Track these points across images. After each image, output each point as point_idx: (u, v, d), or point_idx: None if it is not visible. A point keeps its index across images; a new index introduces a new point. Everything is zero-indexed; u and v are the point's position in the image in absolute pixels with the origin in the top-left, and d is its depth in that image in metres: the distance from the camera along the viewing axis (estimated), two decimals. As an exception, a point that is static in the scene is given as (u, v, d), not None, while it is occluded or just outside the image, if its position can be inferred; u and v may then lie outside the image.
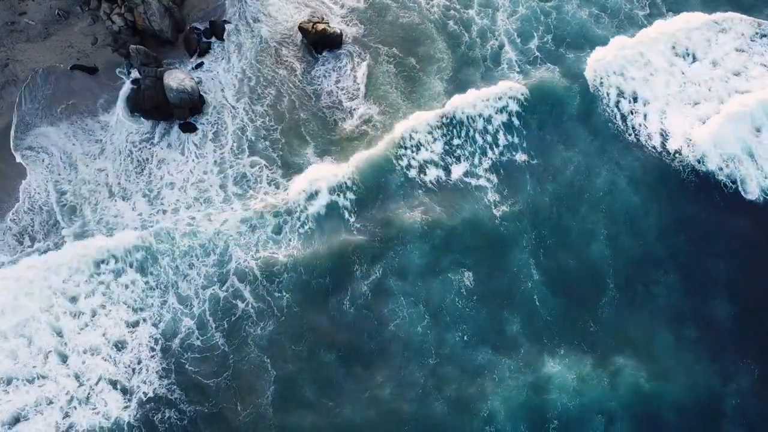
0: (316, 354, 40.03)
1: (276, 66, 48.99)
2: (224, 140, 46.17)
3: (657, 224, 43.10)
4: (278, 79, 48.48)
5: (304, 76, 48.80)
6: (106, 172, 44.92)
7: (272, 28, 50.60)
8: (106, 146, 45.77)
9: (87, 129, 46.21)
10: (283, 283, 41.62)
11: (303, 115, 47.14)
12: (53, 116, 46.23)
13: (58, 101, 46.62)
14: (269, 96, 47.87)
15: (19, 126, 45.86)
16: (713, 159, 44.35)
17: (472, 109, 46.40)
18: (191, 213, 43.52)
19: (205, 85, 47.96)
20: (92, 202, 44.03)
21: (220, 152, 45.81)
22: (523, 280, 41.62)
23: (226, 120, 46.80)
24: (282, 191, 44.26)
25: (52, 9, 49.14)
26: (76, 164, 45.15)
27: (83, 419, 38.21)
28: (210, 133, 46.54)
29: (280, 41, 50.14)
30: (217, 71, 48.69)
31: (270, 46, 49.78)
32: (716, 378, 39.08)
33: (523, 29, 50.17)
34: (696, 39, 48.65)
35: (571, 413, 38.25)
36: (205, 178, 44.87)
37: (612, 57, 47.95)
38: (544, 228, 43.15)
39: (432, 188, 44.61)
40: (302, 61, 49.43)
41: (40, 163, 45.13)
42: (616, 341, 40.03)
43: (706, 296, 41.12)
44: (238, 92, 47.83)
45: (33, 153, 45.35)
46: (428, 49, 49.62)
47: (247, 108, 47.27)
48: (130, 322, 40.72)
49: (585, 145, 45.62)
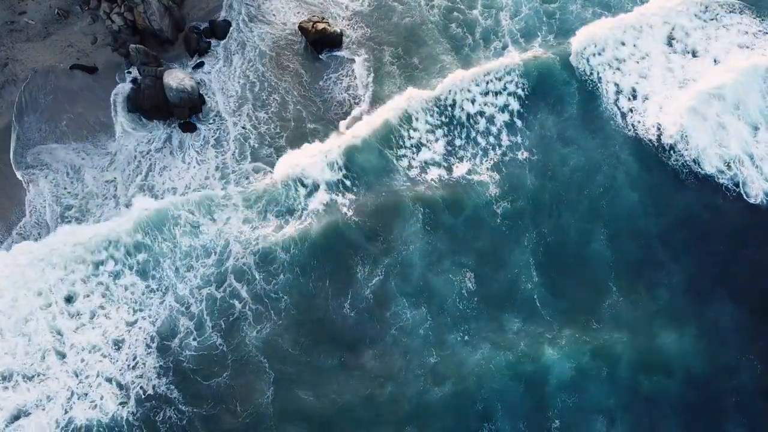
0: (315, 355, 39.88)
1: (276, 68, 48.75)
2: (226, 146, 46.06)
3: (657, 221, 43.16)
4: (281, 84, 48.22)
5: (306, 79, 48.53)
6: (115, 183, 44.70)
7: (273, 28, 50.48)
8: (116, 156, 45.57)
9: (95, 142, 46.07)
10: (280, 284, 41.46)
11: (307, 118, 46.95)
12: (58, 131, 45.95)
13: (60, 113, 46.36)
14: (273, 102, 47.66)
15: (20, 142, 45.46)
16: (711, 158, 44.47)
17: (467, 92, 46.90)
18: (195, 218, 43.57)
19: (206, 86, 47.85)
20: (97, 214, 43.95)
21: (221, 158, 45.68)
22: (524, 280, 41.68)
23: (227, 125, 46.68)
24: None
25: (52, 8, 49.04)
26: (83, 177, 44.91)
27: (81, 413, 38.42)
28: (212, 139, 46.40)
29: (280, 41, 49.96)
30: (216, 72, 48.54)
31: (270, 45, 49.62)
32: (718, 374, 39.11)
33: (527, 29, 50.04)
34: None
35: (571, 410, 38.27)
36: (206, 183, 44.70)
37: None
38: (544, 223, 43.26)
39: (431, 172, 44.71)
40: (303, 63, 49.20)
41: (43, 178, 44.79)
42: (617, 336, 39.96)
43: (708, 295, 41.00)
44: (239, 97, 47.54)
45: (36, 170, 45.02)
46: (431, 50, 49.47)
47: (250, 113, 47.10)
48: (129, 321, 40.69)
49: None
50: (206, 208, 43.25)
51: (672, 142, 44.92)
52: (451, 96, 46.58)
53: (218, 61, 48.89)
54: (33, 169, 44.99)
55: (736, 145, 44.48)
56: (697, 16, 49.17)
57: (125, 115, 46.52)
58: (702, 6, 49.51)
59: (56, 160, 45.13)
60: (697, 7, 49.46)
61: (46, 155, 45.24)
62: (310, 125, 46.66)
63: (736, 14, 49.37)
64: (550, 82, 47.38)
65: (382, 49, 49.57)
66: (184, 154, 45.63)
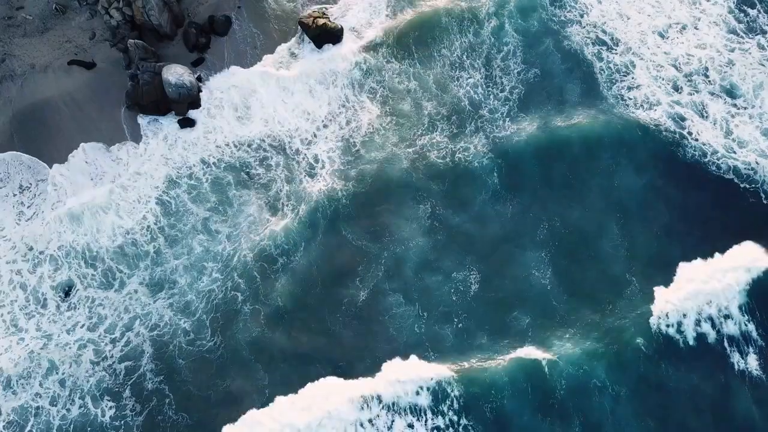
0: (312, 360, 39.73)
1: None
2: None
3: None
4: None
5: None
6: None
7: (273, 24, 49.85)
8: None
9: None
10: (280, 286, 41.27)
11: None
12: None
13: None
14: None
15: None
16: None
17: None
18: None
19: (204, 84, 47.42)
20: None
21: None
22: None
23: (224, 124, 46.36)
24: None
25: (50, 3, 48.53)
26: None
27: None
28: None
29: (280, 37, 49.44)
30: (214, 69, 48.10)
31: (270, 43, 49.04)
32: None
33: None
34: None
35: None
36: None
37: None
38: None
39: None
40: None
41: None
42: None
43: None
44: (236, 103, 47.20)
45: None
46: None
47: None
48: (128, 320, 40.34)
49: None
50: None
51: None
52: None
53: (216, 59, 48.29)
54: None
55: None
56: None
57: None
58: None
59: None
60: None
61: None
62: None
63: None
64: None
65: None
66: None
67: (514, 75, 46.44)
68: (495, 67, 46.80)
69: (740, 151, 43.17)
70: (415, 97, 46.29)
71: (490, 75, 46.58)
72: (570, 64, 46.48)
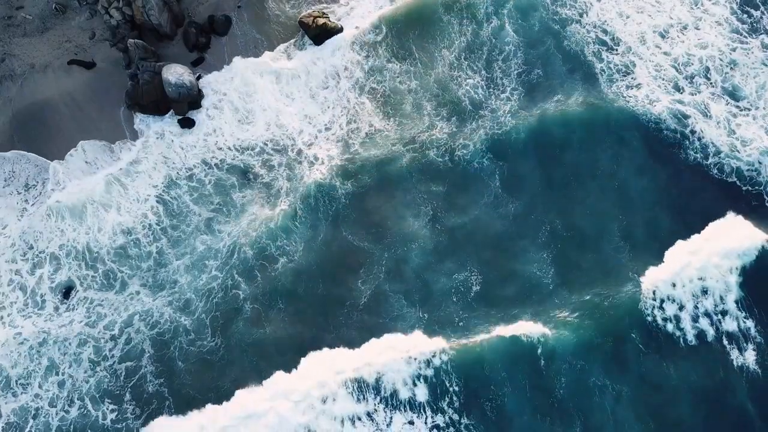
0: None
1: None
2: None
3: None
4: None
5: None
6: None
7: (273, 24, 49.78)
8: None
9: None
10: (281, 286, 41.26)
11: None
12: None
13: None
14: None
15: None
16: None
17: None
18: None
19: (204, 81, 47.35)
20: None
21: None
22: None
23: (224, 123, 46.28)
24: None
25: (50, 3, 48.44)
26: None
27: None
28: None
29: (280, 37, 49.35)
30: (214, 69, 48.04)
31: (270, 43, 48.97)
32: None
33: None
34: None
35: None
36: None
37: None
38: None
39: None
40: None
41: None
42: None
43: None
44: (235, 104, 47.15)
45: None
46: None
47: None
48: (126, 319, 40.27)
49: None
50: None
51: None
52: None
53: (216, 59, 48.23)
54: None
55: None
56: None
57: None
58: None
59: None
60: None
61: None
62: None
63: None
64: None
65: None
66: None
67: (513, 69, 46.48)
68: (496, 69, 46.85)
69: (743, 150, 43.23)
70: (416, 97, 46.24)
71: (491, 77, 46.57)
72: (571, 64, 46.48)
